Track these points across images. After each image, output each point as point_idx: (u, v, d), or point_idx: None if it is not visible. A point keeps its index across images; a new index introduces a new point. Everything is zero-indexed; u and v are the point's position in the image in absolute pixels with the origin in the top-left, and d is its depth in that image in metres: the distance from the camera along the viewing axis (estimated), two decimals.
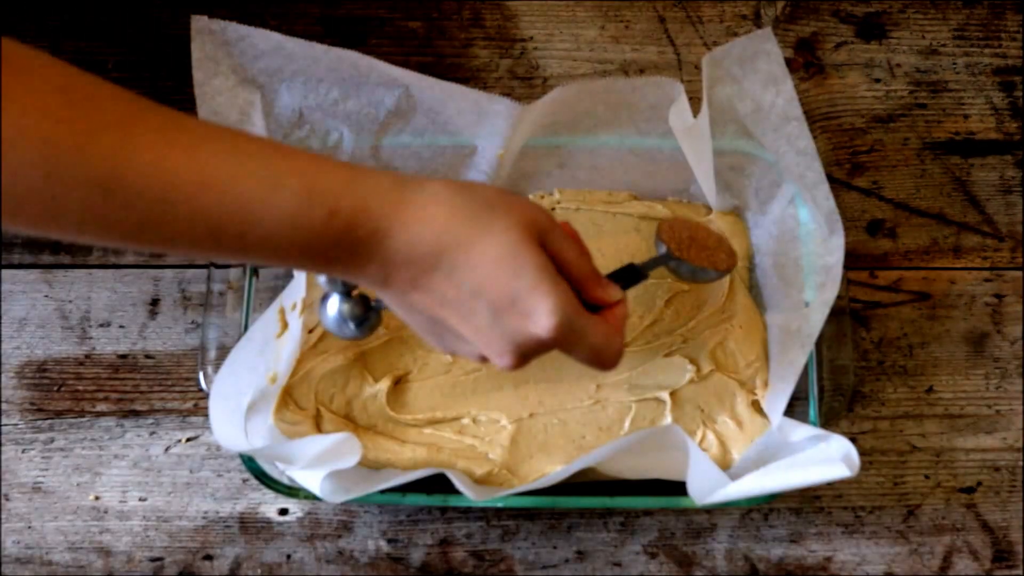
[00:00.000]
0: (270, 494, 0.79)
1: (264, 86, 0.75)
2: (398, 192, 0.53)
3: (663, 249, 0.70)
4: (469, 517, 0.79)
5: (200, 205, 0.49)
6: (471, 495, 0.69)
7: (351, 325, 0.64)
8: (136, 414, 0.81)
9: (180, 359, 0.82)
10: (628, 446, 0.68)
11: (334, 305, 0.63)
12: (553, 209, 0.82)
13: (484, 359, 0.58)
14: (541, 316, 0.54)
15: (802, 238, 0.76)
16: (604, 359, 0.58)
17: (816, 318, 0.72)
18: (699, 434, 0.77)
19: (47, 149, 0.46)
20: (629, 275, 0.65)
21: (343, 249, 0.52)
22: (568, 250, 0.57)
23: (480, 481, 0.75)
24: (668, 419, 0.77)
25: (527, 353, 0.56)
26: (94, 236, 0.50)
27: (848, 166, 0.87)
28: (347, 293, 0.63)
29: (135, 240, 0.50)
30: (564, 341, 0.55)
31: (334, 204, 0.51)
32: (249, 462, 0.72)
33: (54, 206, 0.47)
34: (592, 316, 0.58)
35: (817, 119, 0.87)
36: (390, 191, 0.53)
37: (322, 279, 0.62)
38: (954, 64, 0.88)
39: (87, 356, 0.82)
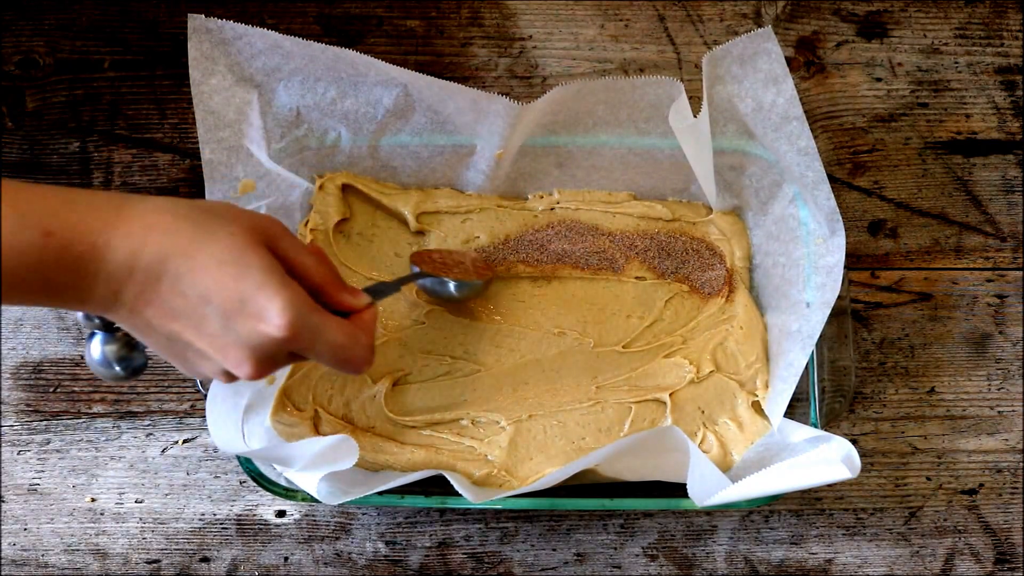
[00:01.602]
0: (267, 496, 0.79)
1: (261, 85, 0.74)
2: (115, 206, 0.53)
3: (415, 269, 0.74)
4: (468, 519, 0.79)
5: None
6: (470, 497, 0.68)
7: (116, 367, 0.61)
8: (133, 415, 0.81)
9: None
10: (628, 447, 0.68)
11: (97, 346, 0.60)
12: (552, 209, 0.82)
13: (229, 376, 0.57)
14: (272, 314, 0.53)
15: (803, 238, 0.75)
16: (350, 358, 0.57)
17: (817, 319, 0.72)
18: (699, 435, 0.76)
19: None
20: (379, 289, 0.65)
21: (66, 270, 0.52)
22: (303, 255, 0.57)
23: (479, 483, 0.75)
24: (668, 420, 0.77)
25: (266, 357, 0.55)
26: None
27: (849, 166, 0.86)
28: (109, 330, 0.60)
29: None
30: (301, 339, 0.54)
31: (48, 224, 0.51)
32: (246, 464, 0.72)
33: None
34: (332, 315, 0.57)
35: (818, 118, 0.87)
36: (106, 205, 0.53)
37: (80, 316, 0.60)
38: (956, 63, 0.88)
39: (83, 357, 0.81)
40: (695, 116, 0.71)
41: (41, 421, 0.80)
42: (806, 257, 0.75)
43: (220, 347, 0.54)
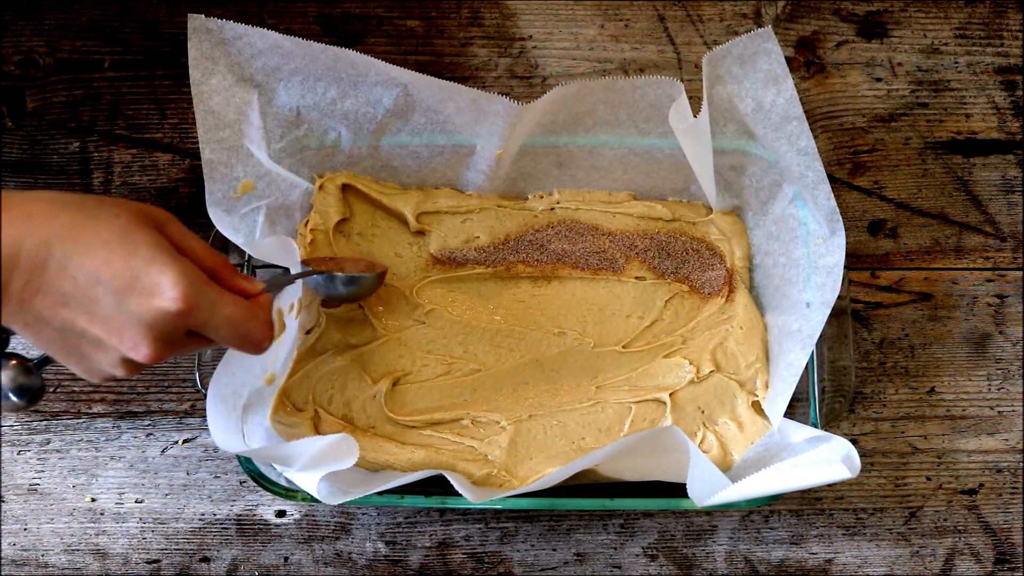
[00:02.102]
0: (267, 496, 0.79)
1: (261, 85, 0.74)
2: None
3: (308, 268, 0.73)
4: (468, 519, 0.79)
5: None
6: (470, 497, 0.68)
7: (12, 397, 0.58)
8: (133, 415, 0.81)
9: (177, 360, 0.82)
10: (628, 447, 0.68)
11: None
12: (552, 209, 0.82)
13: (129, 365, 0.56)
14: (165, 287, 0.52)
15: (803, 238, 0.75)
16: (248, 333, 0.56)
17: (817, 319, 0.72)
18: (699, 435, 0.76)
19: None
20: (274, 283, 0.64)
21: None
22: (192, 240, 0.56)
23: (479, 483, 0.75)
24: (668, 420, 0.77)
25: (163, 335, 0.53)
26: None
27: (849, 166, 0.86)
28: (2, 355, 0.59)
29: None
30: (197, 312, 0.53)
31: None
32: (246, 464, 0.72)
33: None
34: (227, 291, 0.56)
35: (818, 118, 0.87)
36: None
37: None
38: (956, 63, 0.88)
39: None
40: (695, 116, 0.71)
41: (41, 421, 0.80)
42: (806, 257, 0.75)
43: (115, 329, 0.53)
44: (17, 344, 0.81)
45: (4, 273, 0.52)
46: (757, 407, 0.77)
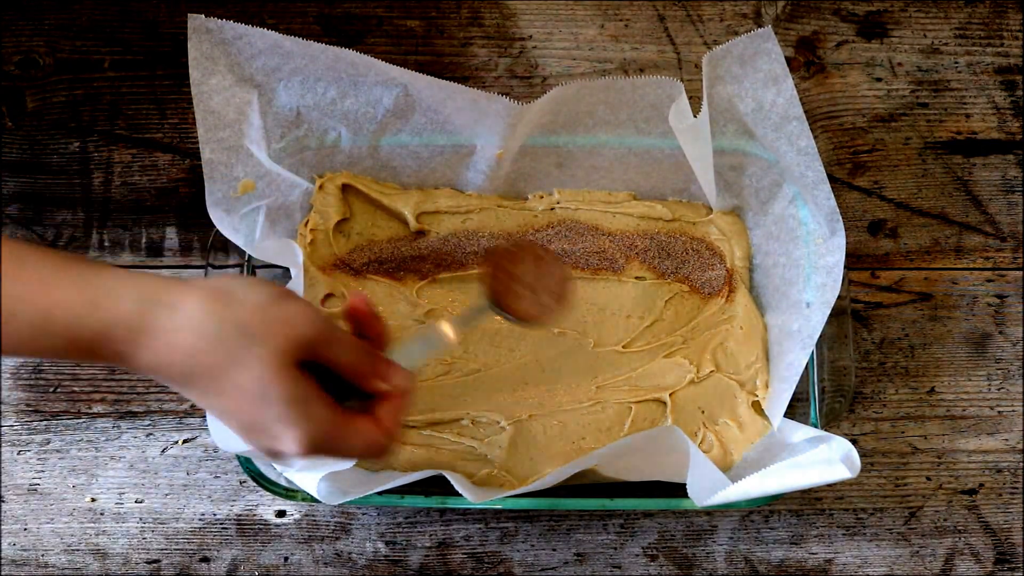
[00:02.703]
0: (267, 496, 0.79)
1: (261, 85, 0.74)
2: (139, 318, 0.52)
3: (483, 301, 0.66)
4: (468, 519, 0.79)
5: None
6: (470, 497, 0.68)
7: None
8: (133, 415, 0.81)
9: None
10: (628, 447, 0.68)
11: None
12: (552, 209, 0.82)
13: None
14: (288, 443, 0.54)
15: (803, 238, 0.75)
16: (369, 456, 0.58)
17: (817, 319, 0.72)
18: (699, 435, 0.76)
19: None
20: (431, 342, 0.63)
21: (98, 361, 0.55)
22: (342, 355, 0.56)
23: (479, 483, 0.75)
24: (668, 420, 0.77)
25: (286, 459, 0.58)
26: None
27: (849, 166, 0.86)
28: None
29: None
30: (319, 455, 0.56)
31: (73, 334, 0.51)
32: (246, 463, 0.72)
33: None
34: (352, 423, 0.56)
35: (818, 118, 0.87)
36: (132, 316, 0.52)
37: None
38: (956, 63, 0.88)
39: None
40: (695, 116, 0.71)
41: (41, 421, 0.80)
42: (806, 257, 0.75)
43: (253, 444, 0.56)
44: None
45: (153, 375, 0.55)
46: (757, 407, 0.77)
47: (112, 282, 0.52)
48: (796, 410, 0.75)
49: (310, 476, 0.69)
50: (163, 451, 0.80)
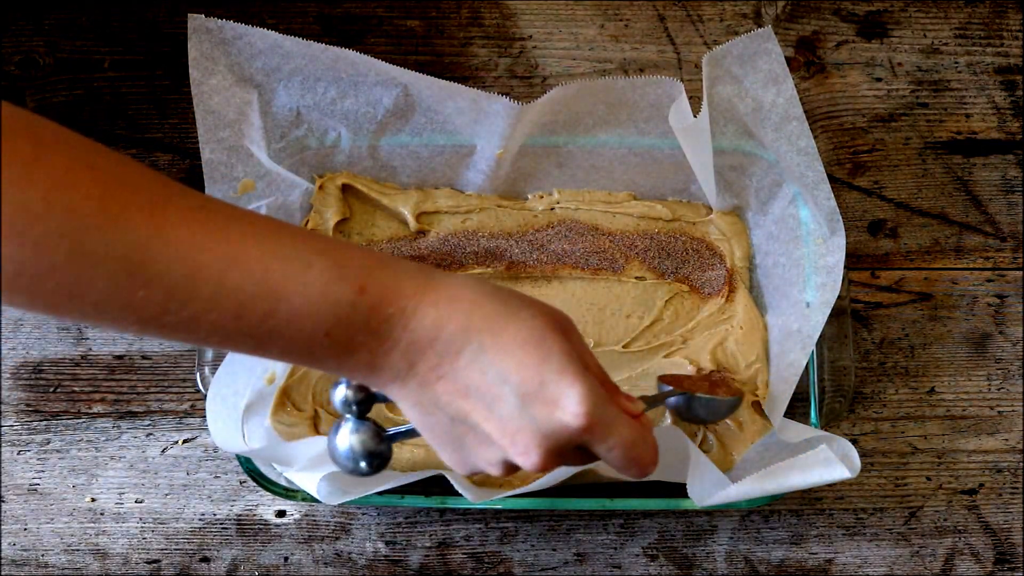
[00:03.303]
0: (267, 496, 0.79)
1: (261, 85, 0.74)
2: (426, 275, 0.52)
3: (668, 388, 0.72)
4: (468, 519, 0.79)
5: (227, 283, 0.48)
6: (470, 497, 0.68)
7: (361, 462, 0.56)
8: (133, 415, 0.81)
9: (177, 360, 0.82)
10: None
11: (345, 435, 0.56)
12: (552, 209, 0.82)
13: (508, 467, 0.54)
14: (570, 402, 0.51)
15: (803, 238, 0.75)
16: (640, 457, 0.55)
17: (817, 319, 0.72)
18: (699, 435, 0.76)
19: (74, 224, 0.44)
20: (651, 399, 0.64)
21: (370, 331, 0.50)
22: (589, 353, 0.55)
23: (479, 483, 0.74)
24: (668, 420, 0.77)
25: (555, 447, 0.52)
26: (112, 320, 0.48)
27: (849, 166, 0.86)
28: (361, 418, 0.57)
29: (155, 325, 0.48)
30: (595, 430, 0.52)
31: (364, 280, 0.50)
32: (246, 464, 0.72)
33: (75, 284, 0.46)
34: (623, 413, 0.54)
35: (818, 118, 0.87)
36: (418, 274, 0.52)
37: (337, 400, 0.56)
38: (956, 63, 0.88)
39: (83, 357, 0.82)
40: (695, 116, 0.71)
41: (41, 421, 0.80)
42: (806, 257, 0.75)
43: (510, 432, 0.52)
44: None
45: (418, 352, 0.51)
46: (757, 407, 0.77)
47: (389, 254, 0.52)
48: (796, 410, 0.75)
49: (310, 476, 0.70)
50: (163, 451, 0.80)
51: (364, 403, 0.57)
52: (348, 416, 0.56)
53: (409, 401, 0.54)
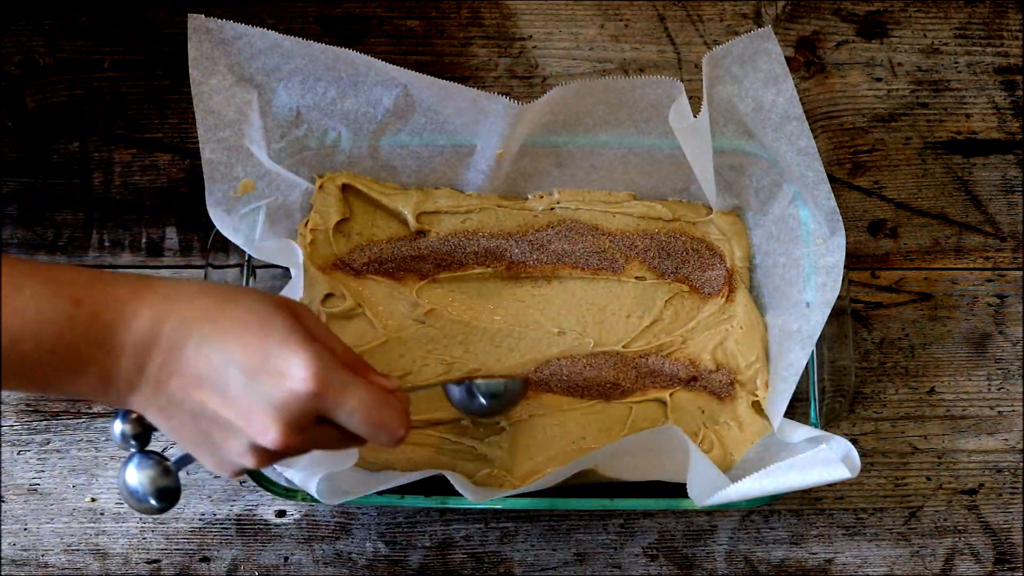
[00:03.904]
0: (267, 496, 0.79)
1: (261, 85, 0.74)
2: (141, 280, 0.54)
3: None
4: (468, 519, 0.79)
5: None
6: (470, 497, 0.68)
7: (151, 500, 0.58)
8: None
9: None
10: (628, 447, 0.68)
11: (133, 472, 0.58)
12: (552, 209, 0.82)
13: (260, 454, 0.54)
14: (295, 368, 0.52)
15: (803, 238, 0.75)
16: (384, 421, 0.55)
17: (817, 319, 0.72)
18: (699, 435, 0.76)
19: None
20: (413, 387, 0.64)
21: (94, 342, 0.52)
22: (329, 333, 0.56)
23: (479, 483, 0.75)
24: (668, 420, 0.77)
25: (292, 420, 0.52)
26: None
27: (849, 166, 0.86)
28: (144, 452, 0.59)
29: None
30: (328, 394, 0.52)
31: (78, 293, 0.52)
32: None
33: None
34: (360, 377, 0.55)
35: (818, 118, 0.87)
36: (132, 279, 0.54)
37: (116, 435, 0.59)
38: (956, 63, 0.88)
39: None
40: (695, 116, 0.71)
41: (41, 421, 0.80)
42: (806, 257, 0.75)
43: (244, 412, 0.52)
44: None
45: (144, 354, 0.52)
46: (757, 407, 0.77)
47: (107, 271, 0.54)
48: (796, 410, 0.75)
49: (310, 476, 0.69)
50: (163, 451, 0.80)
51: (142, 436, 0.59)
52: (132, 451, 0.59)
53: (152, 409, 0.55)
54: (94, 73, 0.86)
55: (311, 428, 0.54)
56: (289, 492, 0.71)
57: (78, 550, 0.78)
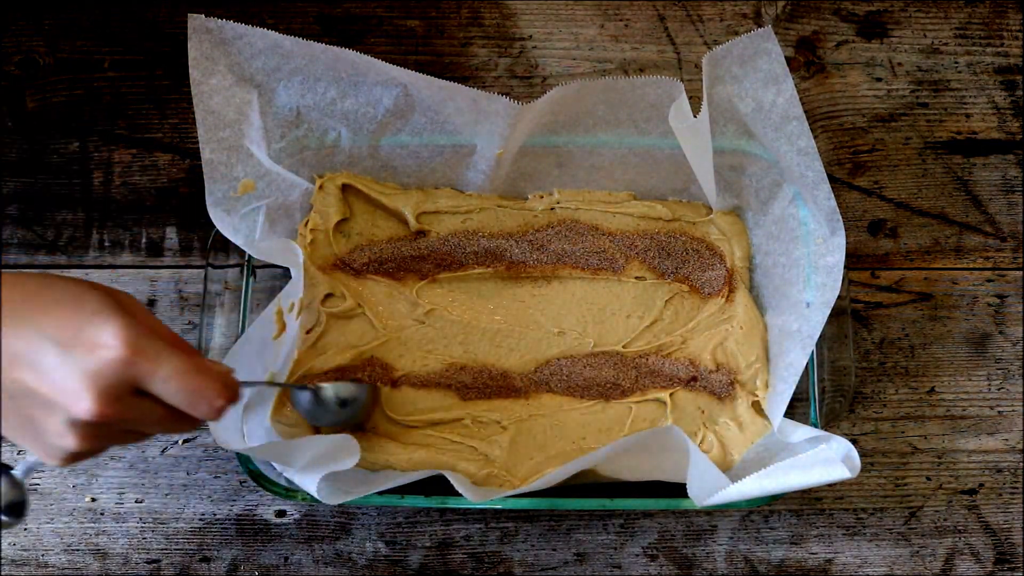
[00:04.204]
0: (267, 496, 0.79)
1: (261, 85, 0.74)
2: None
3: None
4: (468, 519, 0.79)
5: None
6: (470, 497, 0.68)
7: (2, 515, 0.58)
8: None
9: None
10: (628, 447, 0.68)
11: None
12: (552, 209, 0.82)
13: (82, 431, 0.54)
14: (107, 336, 0.52)
15: (803, 238, 0.75)
16: (199, 386, 0.54)
17: (817, 318, 0.72)
18: (699, 435, 0.76)
19: None
20: (246, 382, 0.63)
21: None
22: (154, 319, 0.56)
23: (479, 483, 0.75)
24: (668, 420, 0.77)
25: (107, 388, 0.52)
26: None
27: (849, 166, 0.86)
28: None
29: None
30: (140, 360, 0.52)
31: None
32: (246, 464, 0.72)
33: None
34: (176, 348, 0.54)
35: (818, 118, 0.87)
36: None
37: None
38: (956, 63, 0.88)
39: None
40: (695, 116, 0.71)
41: None
42: (806, 257, 0.75)
43: (59, 384, 0.52)
44: None
45: None
46: (757, 407, 0.77)
47: None
48: (796, 410, 0.75)
49: (310, 476, 0.69)
50: (163, 451, 0.80)
51: None
52: None
53: None
54: (94, 73, 0.86)
55: (127, 399, 0.54)
56: (289, 492, 0.71)
57: (78, 550, 0.78)
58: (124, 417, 0.54)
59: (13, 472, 0.59)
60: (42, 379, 0.52)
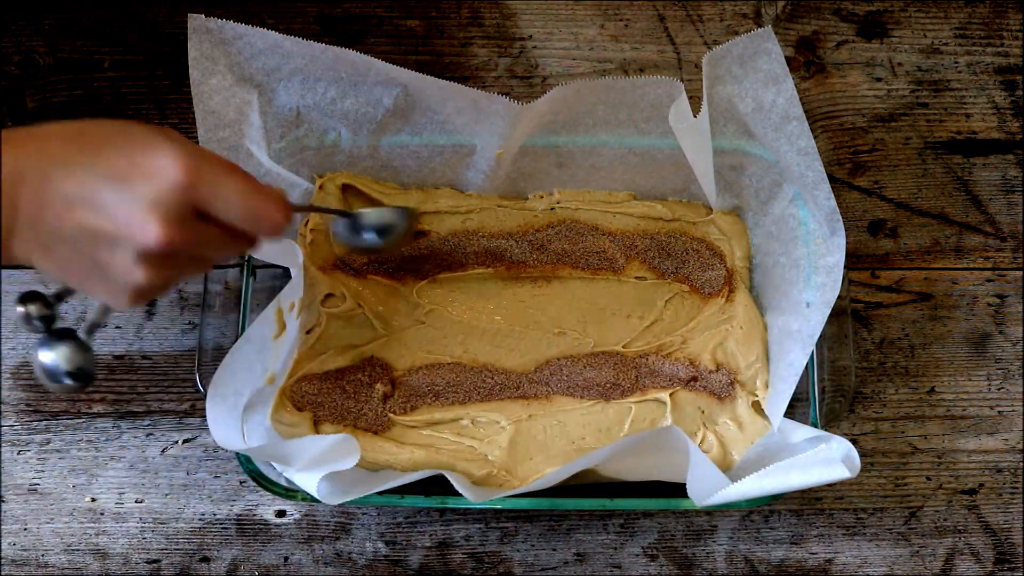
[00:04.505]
0: (267, 496, 0.79)
1: (261, 85, 0.74)
2: (7, 130, 0.53)
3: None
4: (468, 519, 0.79)
5: None
6: (470, 497, 0.68)
7: (67, 380, 0.57)
8: (133, 415, 0.81)
9: (177, 360, 0.82)
10: (628, 447, 0.68)
11: (48, 355, 0.57)
12: (552, 209, 0.82)
13: (152, 262, 0.52)
14: (164, 163, 0.51)
15: (803, 238, 0.75)
16: (263, 209, 0.54)
17: (817, 318, 0.72)
18: (699, 435, 0.76)
19: None
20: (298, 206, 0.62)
21: None
22: (203, 148, 0.56)
23: (479, 482, 0.75)
24: (668, 420, 0.77)
25: (171, 213, 0.51)
26: None
27: (849, 165, 0.86)
28: (52, 331, 0.57)
29: None
30: (202, 182, 0.52)
31: None
32: (246, 464, 0.72)
33: None
34: (233, 169, 0.54)
35: (818, 118, 0.87)
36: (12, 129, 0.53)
37: (22, 322, 0.58)
38: (956, 63, 0.88)
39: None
40: (695, 116, 0.71)
41: (41, 421, 0.80)
42: (806, 257, 0.75)
43: (123, 217, 0.51)
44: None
45: (15, 190, 0.51)
46: (757, 407, 0.77)
47: None
48: (796, 410, 0.75)
49: (310, 476, 0.69)
50: (163, 451, 0.80)
51: (47, 317, 0.58)
52: (41, 333, 0.57)
53: (35, 251, 0.53)
54: (94, 73, 0.86)
55: (191, 222, 0.53)
56: (289, 492, 0.71)
57: (78, 550, 0.78)
58: (191, 241, 0.53)
59: (78, 334, 0.57)
60: (104, 216, 0.51)
